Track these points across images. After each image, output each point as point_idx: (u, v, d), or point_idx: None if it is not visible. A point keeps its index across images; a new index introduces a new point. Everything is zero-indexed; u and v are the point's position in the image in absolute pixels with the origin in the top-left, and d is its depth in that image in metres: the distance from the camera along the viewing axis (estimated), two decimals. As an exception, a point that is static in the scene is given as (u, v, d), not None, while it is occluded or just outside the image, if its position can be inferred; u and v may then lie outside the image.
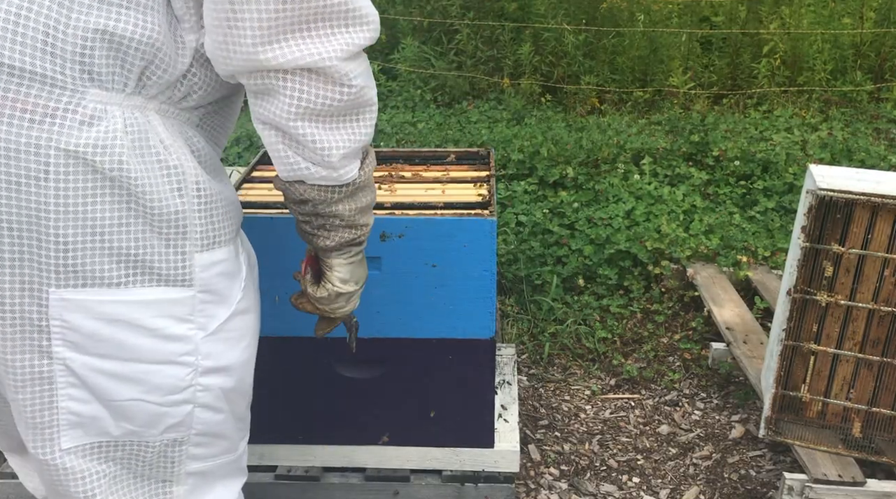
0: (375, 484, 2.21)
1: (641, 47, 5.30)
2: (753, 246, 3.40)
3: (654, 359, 3.04)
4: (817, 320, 2.24)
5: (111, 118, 1.22)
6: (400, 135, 4.57)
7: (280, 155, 1.32)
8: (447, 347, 2.07)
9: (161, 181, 1.26)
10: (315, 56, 1.21)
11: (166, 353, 1.32)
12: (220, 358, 1.38)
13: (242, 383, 1.47)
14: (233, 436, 1.50)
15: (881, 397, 2.26)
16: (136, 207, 1.25)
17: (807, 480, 2.18)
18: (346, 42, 1.23)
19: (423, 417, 2.16)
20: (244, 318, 1.42)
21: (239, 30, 1.19)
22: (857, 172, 2.22)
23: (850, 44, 5.27)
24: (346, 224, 1.39)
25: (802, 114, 4.81)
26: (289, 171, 1.33)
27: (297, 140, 1.29)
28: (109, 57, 1.20)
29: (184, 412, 1.37)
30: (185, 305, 1.32)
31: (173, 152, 1.28)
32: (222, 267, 1.36)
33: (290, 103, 1.25)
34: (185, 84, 1.30)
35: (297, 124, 1.26)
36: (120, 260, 1.26)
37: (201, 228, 1.31)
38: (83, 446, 1.35)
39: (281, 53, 1.20)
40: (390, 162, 2.38)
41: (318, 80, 1.24)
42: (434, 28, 5.63)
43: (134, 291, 1.28)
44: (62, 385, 1.30)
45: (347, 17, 1.23)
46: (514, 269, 3.38)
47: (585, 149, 4.17)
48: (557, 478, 2.48)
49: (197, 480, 1.47)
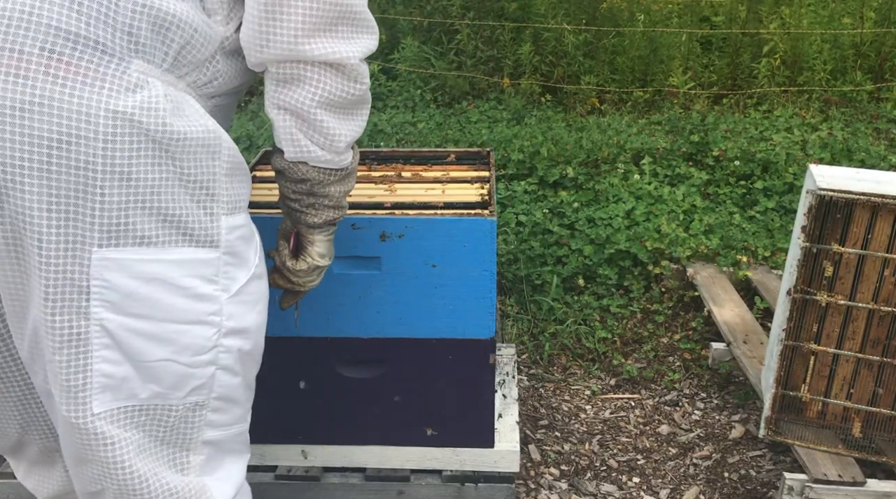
0: (375, 484, 2.21)
1: (641, 47, 5.30)
2: (753, 246, 3.40)
3: (654, 359, 3.04)
4: (817, 320, 2.24)
5: (153, 86, 1.30)
6: (400, 135, 4.57)
7: (292, 137, 1.48)
8: (447, 347, 2.07)
9: (200, 144, 1.34)
10: (343, 53, 1.41)
11: (196, 312, 1.38)
12: (241, 320, 1.46)
13: (257, 348, 1.54)
14: (245, 404, 1.56)
15: (881, 397, 2.26)
16: (174, 169, 1.32)
17: (807, 480, 2.18)
18: (363, 45, 1.44)
19: (424, 417, 2.16)
20: (259, 282, 1.51)
21: (283, 21, 1.36)
22: (857, 172, 2.22)
23: (850, 44, 5.27)
24: (333, 204, 1.57)
25: (802, 114, 4.81)
26: (296, 152, 1.49)
27: (313, 126, 1.46)
28: (153, 31, 1.30)
29: (208, 374, 1.44)
30: (212, 266, 1.39)
31: (209, 119, 1.37)
32: (242, 231, 1.45)
33: (315, 92, 1.43)
34: (210, 71, 1.42)
35: (316, 111, 1.45)
36: (159, 220, 1.32)
37: (227, 191, 1.40)
38: (112, 411, 1.38)
39: (317, 46, 1.39)
40: (390, 162, 2.38)
41: (339, 75, 1.43)
42: (434, 28, 5.63)
43: (170, 250, 1.34)
44: (97, 347, 1.34)
45: (363, 24, 1.44)
46: (514, 269, 3.38)
47: (585, 149, 4.17)
48: (557, 478, 2.48)
49: (212, 450, 1.52)
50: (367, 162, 2.37)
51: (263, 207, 2.02)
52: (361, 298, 2.03)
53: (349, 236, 1.97)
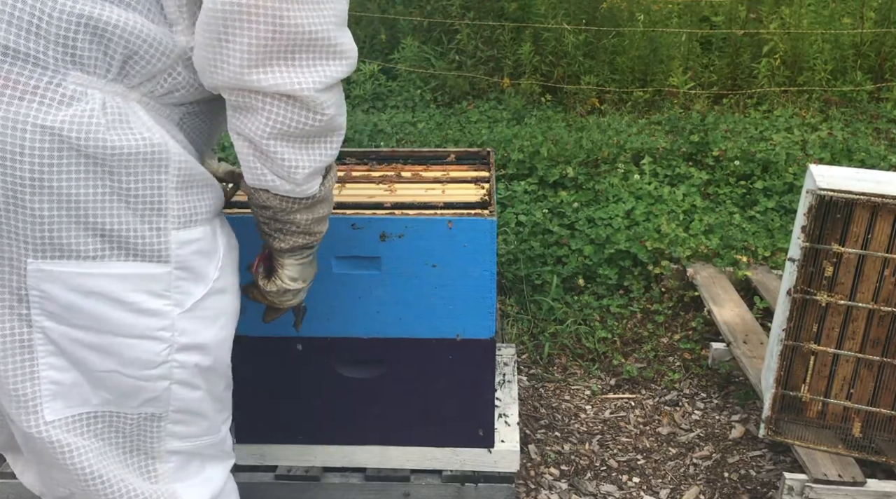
0: (375, 484, 2.20)
1: (641, 47, 5.30)
2: (753, 246, 3.40)
3: (654, 359, 3.04)
4: (817, 320, 2.24)
5: (91, 99, 1.27)
6: (400, 135, 4.57)
7: (249, 165, 1.40)
8: (447, 347, 2.07)
9: (142, 158, 1.30)
10: (295, 85, 1.30)
11: (142, 327, 1.36)
12: (196, 335, 1.42)
13: (219, 363, 1.50)
14: (212, 416, 1.54)
15: (881, 397, 2.26)
16: (111, 184, 1.29)
17: (807, 480, 2.18)
18: (324, 74, 1.32)
19: (423, 417, 2.16)
20: (220, 297, 1.46)
21: (229, 49, 1.27)
22: (857, 172, 2.22)
23: (850, 44, 5.27)
24: (301, 231, 1.50)
25: (802, 114, 4.81)
26: (255, 179, 1.41)
27: (267, 156, 1.37)
28: (93, 42, 1.26)
29: (160, 388, 1.41)
30: (162, 281, 1.36)
31: (156, 132, 1.32)
32: (198, 245, 1.40)
33: (266, 123, 1.33)
34: (170, 81, 1.36)
35: (269, 142, 1.35)
36: (96, 234, 1.30)
37: (178, 205, 1.36)
38: (66, 419, 1.38)
39: (265, 77, 1.29)
40: (390, 162, 2.38)
41: (294, 106, 1.32)
42: (434, 28, 5.63)
43: (110, 264, 1.32)
44: (42, 354, 1.34)
45: (329, 50, 1.32)
46: (514, 269, 3.38)
47: (585, 149, 4.17)
48: (557, 478, 2.48)
49: (181, 459, 1.51)
50: (367, 162, 2.37)
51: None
52: (361, 298, 2.03)
53: (349, 236, 1.97)
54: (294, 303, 1.64)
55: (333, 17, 1.31)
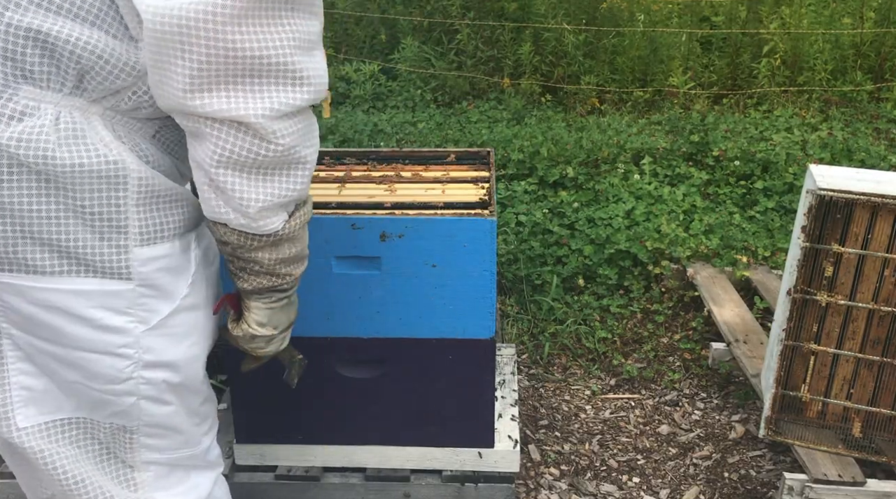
0: (375, 484, 2.21)
1: (641, 47, 5.30)
2: (753, 246, 3.40)
3: (654, 359, 3.04)
4: (817, 320, 2.24)
5: (43, 114, 1.23)
6: (400, 135, 4.57)
7: (204, 196, 1.32)
8: (447, 347, 2.07)
9: (97, 175, 1.26)
10: (241, 111, 1.21)
11: (104, 343, 1.34)
12: (163, 353, 1.39)
13: (191, 380, 1.46)
14: (189, 430, 1.50)
15: (881, 397, 2.26)
16: (65, 201, 1.26)
17: (807, 480, 2.18)
18: (278, 101, 1.22)
19: (423, 417, 2.16)
20: (190, 314, 1.42)
21: (171, 73, 1.18)
22: (857, 172, 2.22)
23: (850, 44, 5.27)
24: (265, 271, 1.39)
25: (802, 114, 4.81)
26: (211, 212, 1.32)
27: (217, 186, 1.28)
28: (44, 57, 1.21)
29: (127, 403, 1.40)
30: (124, 298, 1.33)
31: (114, 148, 1.28)
32: (164, 262, 1.36)
33: (215, 151, 1.24)
34: (134, 99, 1.30)
35: (218, 171, 1.26)
36: (52, 250, 1.28)
37: (140, 222, 1.32)
38: (40, 426, 1.39)
39: (209, 103, 1.20)
40: (390, 162, 2.38)
41: (245, 133, 1.23)
42: (434, 28, 5.63)
43: (69, 280, 1.30)
44: (11, 360, 1.35)
45: (285, 76, 1.22)
46: (514, 269, 3.38)
47: (585, 149, 4.17)
48: (557, 478, 2.48)
49: (160, 469, 1.49)
50: (367, 162, 2.37)
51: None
52: (361, 298, 2.03)
53: (349, 236, 1.97)
54: (269, 351, 1.53)
55: (293, 40, 1.21)
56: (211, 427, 1.59)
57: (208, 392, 1.55)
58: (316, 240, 1.97)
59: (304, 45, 1.23)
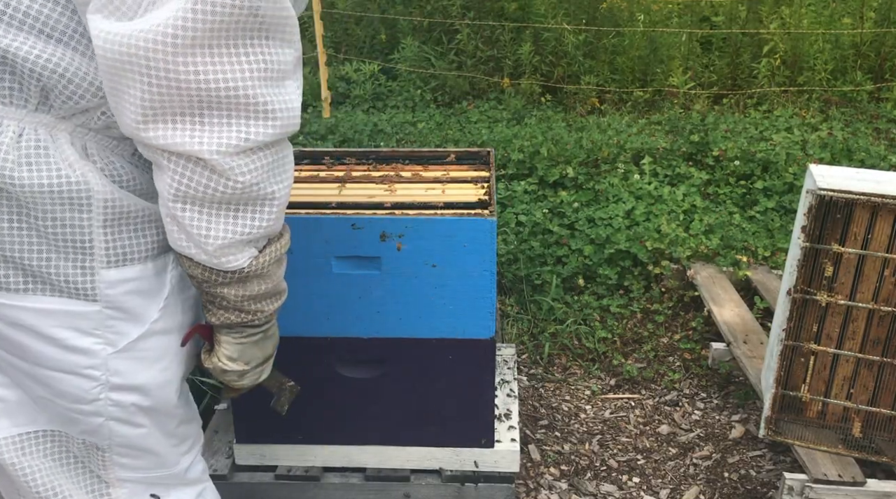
0: (375, 484, 2.21)
1: (641, 47, 5.30)
2: (753, 246, 3.40)
3: (654, 359, 3.04)
4: (817, 320, 2.24)
5: (4, 131, 1.19)
6: (400, 135, 4.57)
7: (167, 227, 1.26)
8: (447, 347, 2.07)
9: (58, 196, 1.22)
10: (195, 146, 1.14)
11: (69, 363, 1.31)
12: (132, 376, 1.35)
13: (163, 403, 1.41)
14: (164, 452, 1.46)
15: (881, 397, 2.26)
16: (28, 221, 1.23)
17: (807, 480, 2.18)
18: (237, 136, 1.15)
19: (423, 417, 2.16)
20: (162, 338, 1.37)
21: (124, 102, 1.13)
22: (857, 172, 2.22)
23: (850, 44, 5.27)
24: (233, 307, 1.33)
25: (802, 114, 4.81)
26: (174, 244, 1.27)
27: (175, 219, 1.22)
28: (4, 73, 1.17)
29: (96, 423, 1.37)
30: (90, 320, 1.29)
31: (77, 169, 1.23)
32: (134, 285, 1.31)
33: (171, 184, 1.18)
34: (103, 118, 1.25)
35: (175, 205, 1.20)
36: (16, 268, 1.25)
37: (107, 244, 1.27)
38: (13, 438, 1.38)
39: (162, 135, 1.13)
40: (390, 162, 2.38)
41: (201, 168, 1.16)
42: (434, 28, 5.63)
43: (34, 298, 1.26)
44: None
45: (247, 109, 1.14)
46: (514, 269, 3.38)
47: (585, 149, 4.17)
48: (557, 478, 2.48)
49: (136, 487, 1.47)
50: (367, 162, 2.37)
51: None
52: (361, 298, 2.03)
53: (349, 236, 1.97)
54: (245, 384, 1.46)
55: (257, 70, 1.13)
56: (191, 447, 1.53)
57: (185, 414, 1.49)
58: (316, 240, 1.97)
59: (273, 75, 1.15)
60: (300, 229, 1.96)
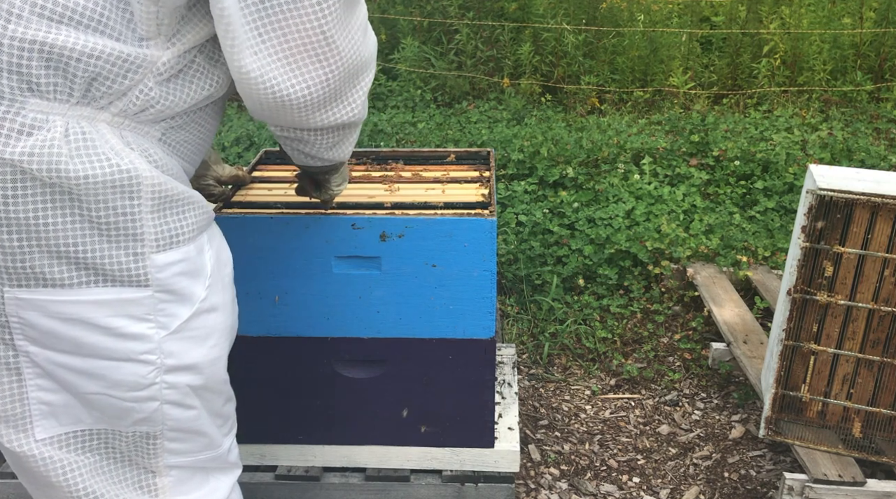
0: (375, 484, 2.20)
1: (641, 47, 5.30)
2: (753, 246, 3.40)
3: (654, 359, 3.04)
4: (817, 320, 2.24)
5: (52, 127, 1.23)
6: (400, 135, 4.57)
7: (320, 141, 1.54)
8: (447, 347, 2.07)
9: (110, 185, 1.26)
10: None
11: (125, 351, 1.34)
12: (185, 356, 1.40)
13: (213, 381, 1.47)
14: (212, 433, 1.51)
15: (881, 397, 2.26)
16: (80, 212, 1.26)
17: (807, 480, 2.18)
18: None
19: (423, 417, 2.16)
20: (209, 316, 1.43)
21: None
22: (857, 172, 2.22)
23: (849, 44, 5.27)
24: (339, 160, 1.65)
25: (802, 114, 4.81)
26: (325, 154, 1.60)
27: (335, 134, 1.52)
28: (49, 68, 1.21)
29: (150, 409, 1.40)
30: (143, 305, 1.34)
31: (125, 157, 1.28)
32: (181, 267, 1.37)
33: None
34: (142, 98, 1.30)
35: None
36: (69, 263, 1.28)
37: (155, 229, 1.32)
38: (59, 436, 1.39)
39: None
40: (390, 162, 2.38)
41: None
42: (434, 28, 5.63)
43: (87, 291, 1.30)
44: (30, 376, 1.34)
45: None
46: (514, 269, 3.38)
47: (585, 149, 4.17)
48: (557, 478, 2.48)
49: (182, 473, 1.50)
50: (367, 162, 2.37)
51: (263, 207, 2.02)
52: (361, 298, 2.03)
53: (349, 236, 1.97)
54: (343, 188, 1.86)
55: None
56: (231, 428, 1.60)
57: (229, 392, 1.56)
58: (316, 240, 1.97)
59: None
60: (300, 229, 1.97)
